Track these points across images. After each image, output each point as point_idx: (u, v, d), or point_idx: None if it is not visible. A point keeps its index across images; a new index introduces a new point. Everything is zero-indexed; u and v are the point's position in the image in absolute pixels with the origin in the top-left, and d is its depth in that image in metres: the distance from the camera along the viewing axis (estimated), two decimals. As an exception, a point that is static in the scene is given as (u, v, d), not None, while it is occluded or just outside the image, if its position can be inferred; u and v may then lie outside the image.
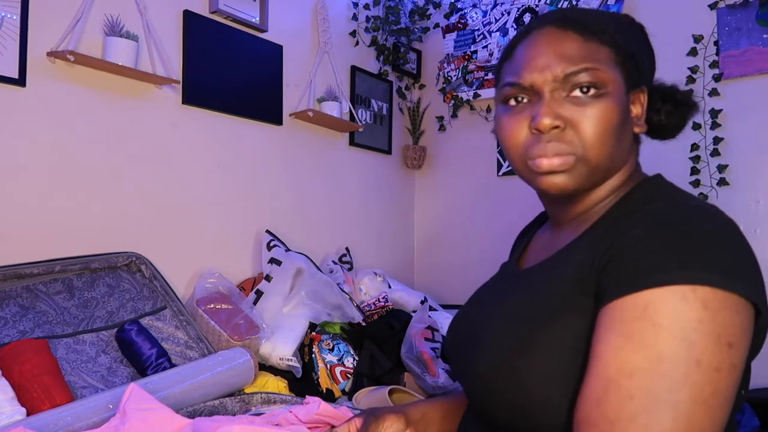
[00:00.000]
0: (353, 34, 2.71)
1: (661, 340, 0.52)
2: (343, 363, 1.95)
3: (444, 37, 2.96)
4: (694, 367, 0.51)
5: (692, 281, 0.53)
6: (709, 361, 0.51)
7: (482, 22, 2.85)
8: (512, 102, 0.72)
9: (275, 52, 2.31)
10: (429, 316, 2.22)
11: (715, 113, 2.26)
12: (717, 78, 2.26)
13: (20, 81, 1.59)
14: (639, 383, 0.51)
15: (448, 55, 2.96)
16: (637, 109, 0.72)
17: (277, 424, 1.10)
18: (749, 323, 0.54)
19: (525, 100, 0.70)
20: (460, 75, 2.91)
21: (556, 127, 0.67)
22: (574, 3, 2.55)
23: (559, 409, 0.60)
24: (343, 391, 1.91)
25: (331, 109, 2.45)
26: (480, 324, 0.72)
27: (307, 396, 1.16)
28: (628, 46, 0.71)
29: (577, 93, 0.67)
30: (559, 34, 0.69)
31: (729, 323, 0.52)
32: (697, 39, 2.30)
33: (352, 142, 2.70)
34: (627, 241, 0.59)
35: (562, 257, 0.68)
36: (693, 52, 2.31)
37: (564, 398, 0.59)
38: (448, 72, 2.95)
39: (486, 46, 2.83)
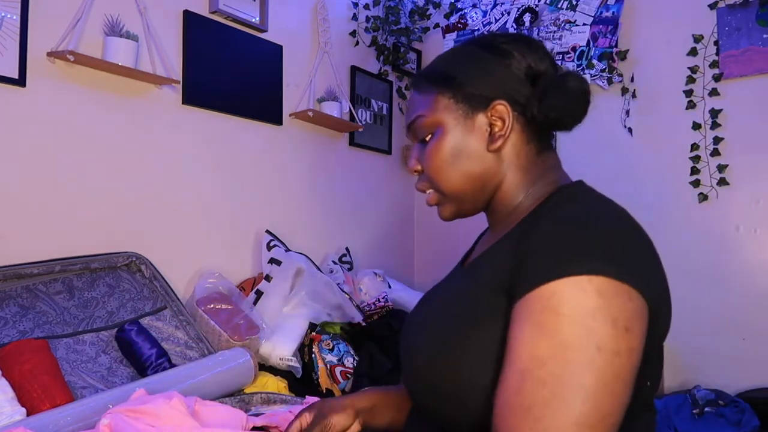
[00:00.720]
0: (353, 34, 2.71)
1: (564, 329, 0.56)
2: (343, 363, 1.95)
3: (444, 37, 2.96)
4: (595, 353, 0.55)
5: (589, 272, 0.57)
6: (608, 345, 0.55)
7: (482, 22, 2.85)
8: None
9: (275, 52, 2.31)
10: (429, 316, 2.22)
11: (715, 113, 2.26)
12: (717, 78, 2.26)
13: (20, 81, 1.59)
14: (549, 371, 0.55)
15: (448, 55, 2.95)
16: (498, 125, 0.74)
17: (275, 427, 1.10)
18: (643, 311, 0.59)
19: None
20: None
21: (417, 170, 0.80)
22: (574, 3, 2.55)
23: (484, 405, 0.63)
24: (343, 391, 1.91)
25: (331, 109, 2.45)
26: (417, 321, 0.78)
27: (307, 396, 1.16)
28: (456, 77, 0.76)
29: (422, 140, 0.79)
30: (410, 94, 0.82)
31: (624, 308, 0.57)
32: (697, 39, 2.30)
33: (352, 142, 2.70)
34: (533, 241, 0.63)
35: (484, 259, 0.74)
36: (693, 52, 2.31)
37: (488, 395, 0.63)
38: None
39: (486, 46, 2.83)
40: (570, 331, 0.56)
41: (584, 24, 2.51)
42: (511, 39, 0.77)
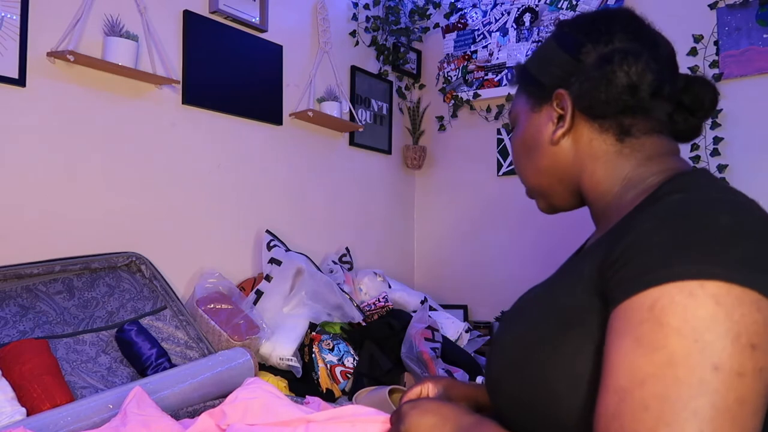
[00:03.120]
0: (353, 34, 2.71)
1: (670, 342, 0.47)
2: (343, 363, 1.95)
3: (444, 37, 2.96)
4: (711, 372, 0.45)
5: (701, 275, 0.48)
6: (728, 364, 0.46)
7: (482, 22, 2.85)
8: None
9: (275, 52, 2.31)
10: (429, 316, 2.22)
11: (715, 113, 2.26)
12: (717, 78, 2.26)
13: (20, 81, 1.59)
14: (652, 391, 0.47)
15: (448, 55, 2.96)
16: (563, 113, 0.71)
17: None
18: None
19: None
20: (460, 75, 2.91)
21: None
22: (574, 3, 2.55)
23: (581, 413, 0.56)
24: (343, 391, 1.91)
25: (331, 109, 2.45)
26: (508, 318, 0.73)
27: (307, 396, 1.16)
28: (530, 69, 0.76)
29: None
30: None
31: (750, 321, 0.47)
32: (697, 39, 2.30)
33: (352, 142, 2.70)
34: (635, 236, 0.54)
35: (585, 254, 0.66)
36: (693, 52, 2.31)
37: (587, 402, 0.56)
38: (448, 72, 2.95)
39: (486, 46, 2.83)
40: (678, 346, 0.47)
41: (584, 24, 2.51)
42: (579, 22, 0.73)
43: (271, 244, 2.15)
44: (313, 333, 1.99)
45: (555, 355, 0.58)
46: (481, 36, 2.85)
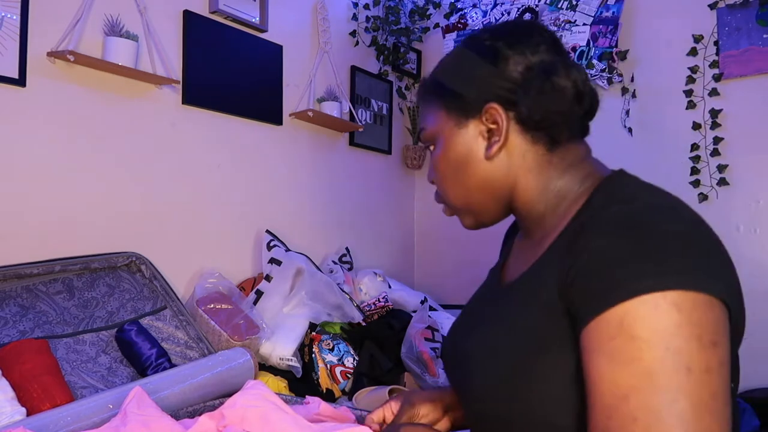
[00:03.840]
0: (353, 34, 2.71)
1: (645, 354, 0.50)
2: (343, 363, 1.95)
3: (444, 37, 2.96)
4: (685, 374, 0.49)
5: (661, 287, 0.51)
6: (698, 364, 0.50)
7: (482, 22, 2.84)
8: None
9: (275, 52, 2.31)
10: (429, 316, 2.22)
11: (715, 113, 2.26)
12: (717, 78, 2.26)
13: (20, 81, 1.59)
14: (637, 403, 0.50)
15: (448, 55, 2.95)
16: (494, 130, 0.69)
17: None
18: (725, 318, 0.53)
19: None
20: (460, 75, 2.90)
21: (432, 182, 0.79)
22: (574, 3, 2.55)
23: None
24: (343, 391, 1.91)
25: (331, 109, 2.45)
26: (469, 346, 0.71)
27: (307, 396, 1.16)
28: (444, 84, 0.73)
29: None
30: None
31: (706, 321, 0.51)
32: (697, 39, 2.30)
33: (352, 142, 2.70)
34: (589, 255, 0.56)
35: (536, 274, 0.66)
36: (693, 52, 2.31)
37: (566, 422, 0.58)
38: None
39: (486, 46, 2.83)
40: (651, 356, 0.50)
41: (584, 24, 2.51)
42: (498, 33, 0.71)
43: (271, 244, 2.15)
44: (313, 333, 1.99)
45: (532, 380, 0.60)
46: (481, 36, 2.85)
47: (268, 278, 2.05)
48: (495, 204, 0.73)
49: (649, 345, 0.50)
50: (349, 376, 1.93)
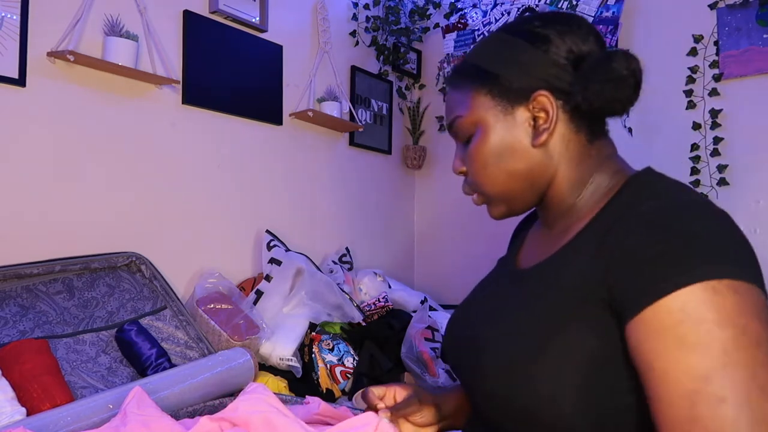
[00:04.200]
0: (353, 34, 2.71)
1: (716, 334, 0.51)
2: (343, 363, 1.95)
3: (444, 37, 2.96)
4: (756, 349, 0.50)
5: (713, 276, 0.52)
6: (764, 338, 0.51)
7: (482, 22, 2.84)
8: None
9: (275, 52, 2.31)
10: (429, 316, 2.22)
11: (715, 113, 2.26)
12: (717, 78, 2.26)
13: (20, 81, 1.59)
14: (722, 383, 0.49)
15: (448, 55, 2.95)
16: (541, 118, 0.69)
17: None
18: None
19: None
20: (460, 75, 2.90)
21: (462, 172, 0.77)
22: (574, 3, 2.55)
23: (569, 419, 0.59)
24: (343, 391, 1.91)
25: (331, 109, 2.45)
26: (481, 329, 0.70)
27: (307, 396, 1.16)
28: (491, 71, 0.71)
29: (463, 141, 0.75)
30: (447, 93, 0.79)
31: (761, 303, 0.53)
32: (697, 39, 2.30)
33: (352, 142, 2.70)
34: (631, 246, 0.57)
35: (561, 260, 0.67)
36: (693, 52, 2.31)
37: (575, 408, 0.58)
38: (448, 72, 2.95)
39: (486, 46, 2.83)
40: (725, 335, 0.50)
41: (584, 24, 2.51)
42: (548, 20, 0.70)
43: (271, 244, 2.15)
44: (313, 333, 1.99)
45: (542, 364, 0.60)
46: (482, 36, 2.85)
47: (268, 278, 2.05)
48: (532, 193, 0.72)
49: (719, 325, 0.51)
50: (349, 376, 1.93)
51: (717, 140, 2.26)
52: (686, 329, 0.51)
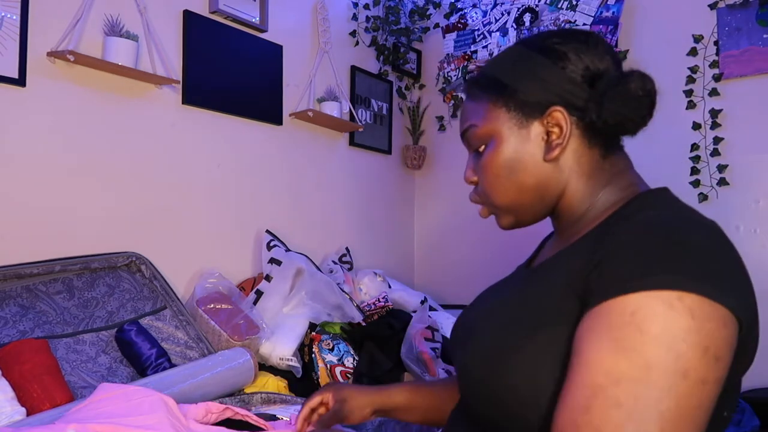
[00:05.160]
0: (353, 34, 2.71)
1: (648, 349, 0.51)
2: (343, 363, 1.95)
3: (444, 37, 2.96)
4: (681, 379, 0.50)
5: (680, 287, 0.52)
6: (696, 373, 0.51)
7: (482, 22, 2.85)
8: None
9: (275, 52, 2.31)
10: (429, 316, 2.22)
11: (715, 113, 2.26)
12: (717, 78, 2.26)
13: (20, 81, 1.59)
14: (626, 391, 0.51)
15: (448, 55, 2.96)
16: (555, 133, 0.69)
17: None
18: (734, 338, 0.54)
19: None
20: (460, 75, 2.91)
21: (473, 182, 0.78)
22: (574, 3, 2.55)
23: (546, 411, 0.60)
24: (343, 391, 1.90)
25: (331, 109, 2.45)
26: (477, 320, 0.73)
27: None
28: (508, 84, 0.72)
29: (476, 150, 0.76)
30: (463, 101, 0.80)
31: (716, 336, 0.52)
32: (697, 39, 2.30)
33: (352, 142, 2.70)
34: (616, 244, 0.58)
35: (559, 260, 0.69)
36: (693, 52, 2.31)
37: (552, 401, 0.59)
38: (448, 72, 2.95)
39: (486, 46, 2.83)
40: (655, 353, 0.51)
41: (584, 24, 2.51)
42: (566, 37, 0.71)
43: (271, 244, 2.15)
44: (313, 333, 1.99)
45: (523, 354, 0.61)
46: (481, 36, 2.85)
47: (268, 278, 2.05)
48: (542, 205, 0.74)
49: (656, 342, 0.51)
50: (349, 376, 1.93)
51: (717, 140, 2.26)
52: (626, 333, 0.52)
